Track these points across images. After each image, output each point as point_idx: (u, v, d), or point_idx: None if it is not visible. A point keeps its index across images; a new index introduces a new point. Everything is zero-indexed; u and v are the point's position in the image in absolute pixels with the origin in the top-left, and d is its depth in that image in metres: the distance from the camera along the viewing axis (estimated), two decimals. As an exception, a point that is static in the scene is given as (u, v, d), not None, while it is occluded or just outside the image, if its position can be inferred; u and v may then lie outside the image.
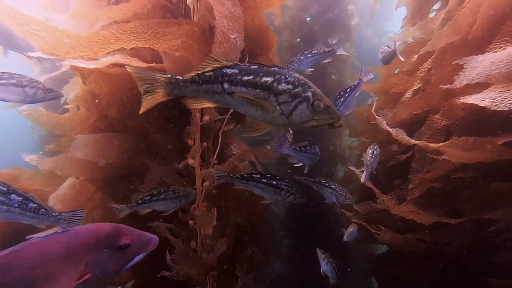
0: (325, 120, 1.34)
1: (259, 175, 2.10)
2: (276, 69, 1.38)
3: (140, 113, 1.52)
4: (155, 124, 2.20)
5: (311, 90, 1.34)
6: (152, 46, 1.84)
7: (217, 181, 2.05)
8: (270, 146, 2.45)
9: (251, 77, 1.37)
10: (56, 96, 1.99)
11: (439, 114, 2.43)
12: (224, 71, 1.41)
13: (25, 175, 3.57)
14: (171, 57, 1.94)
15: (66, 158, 2.36)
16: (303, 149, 2.55)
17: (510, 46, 2.03)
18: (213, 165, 2.22)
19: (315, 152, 2.63)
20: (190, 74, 1.46)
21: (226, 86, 1.40)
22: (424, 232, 2.47)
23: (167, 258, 2.15)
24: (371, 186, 2.69)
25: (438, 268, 2.62)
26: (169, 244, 2.18)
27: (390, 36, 3.15)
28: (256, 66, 1.39)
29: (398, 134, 2.31)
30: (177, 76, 1.47)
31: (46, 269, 1.11)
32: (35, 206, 1.90)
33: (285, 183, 2.14)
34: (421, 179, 2.47)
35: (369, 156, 2.68)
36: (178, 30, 1.92)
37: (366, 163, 2.65)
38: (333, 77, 5.73)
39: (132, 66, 1.55)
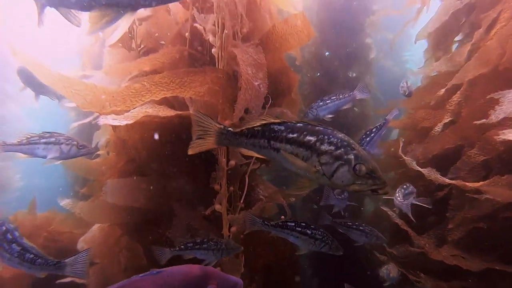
0: (367, 186, 1.30)
1: (293, 223, 2.05)
2: (320, 128, 1.39)
3: (189, 154, 1.60)
4: (182, 169, 2.23)
5: (354, 152, 1.31)
6: (179, 94, 1.92)
7: (250, 228, 2.02)
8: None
9: (295, 135, 1.39)
10: (88, 152, 2.12)
11: (475, 149, 2.30)
12: (272, 127, 1.45)
13: (58, 218, 3.70)
14: (197, 103, 2.01)
15: (95, 205, 2.42)
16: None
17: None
18: (240, 209, 2.18)
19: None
20: (240, 128, 1.54)
21: (272, 142, 1.44)
22: (472, 280, 2.23)
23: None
24: (406, 228, 2.52)
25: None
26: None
27: (414, 71, 3.11)
28: (301, 125, 1.41)
29: (431, 174, 2.19)
30: (228, 128, 1.54)
31: None
32: (31, 257, 1.94)
33: (319, 233, 2.05)
34: (462, 219, 2.29)
35: (401, 197, 2.54)
36: (204, 78, 2.00)
37: (400, 204, 2.50)
38: (355, 109, 5.69)
39: (194, 111, 1.65)
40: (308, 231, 2.02)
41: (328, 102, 3.11)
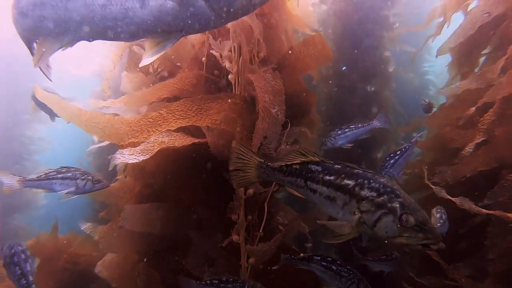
0: (417, 240, 1.16)
1: (319, 257, 1.96)
2: (359, 171, 1.30)
3: (236, 188, 1.60)
4: (199, 196, 2.18)
5: (399, 200, 1.19)
6: (196, 123, 1.88)
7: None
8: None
9: (332, 177, 1.32)
10: (102, 187, 2.16)
11: (515, 172, 2.13)
12: (309, 167, 1.42)
13: (77, 240, 3.74)
14: (214, 131, 1.97)
15: (112, 235, 2.40)
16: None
17: None
18: (259, 238, 2.09)
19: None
20: (279, 163, 1.51)
21: (309, 183, 1.39)
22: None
23: None
24: (438, 259, 2.33)
25: None
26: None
27: (440, 90, 2.96)
28: (339, 166, 1.35)
29: (463, 203, 2.03)
30: (268, 163, 1.52)
31: None
32: (24, 283, 2.09)
33: (346, 270, 1.94)
34: (505, 249, 2.08)
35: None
36: (221, 104, 1.97)
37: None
38: (375, 124, 5.53)
39: (235, 143, 1.64)
40: (334, 267, 1.91)
41: (346, 130, 2.99)
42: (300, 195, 1.46)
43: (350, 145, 2.88)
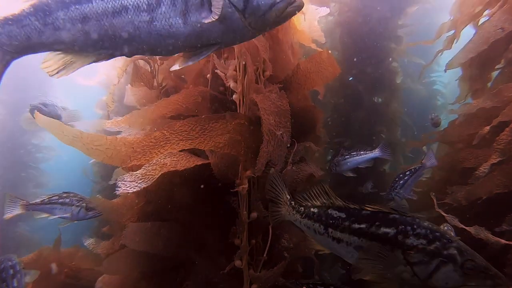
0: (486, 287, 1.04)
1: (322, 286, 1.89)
2: (396, 216, 1.16)
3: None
4: (202, 218, 2.12)
5: (454, 245, 1.07)
6: (199, 145, 1.83)
7: None
8: None
9: (363, 225, 1.18)
10: (95, 215, 2.13)
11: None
12: (330, 212, 1.28)
13: (79, 254, 3.68)
14: (217, 154, 1.91)
15: (114, 258, 2.35)
16: None
17: None
18: (263, 263, 2.02)
19: None
20: (300, 203, 1.44)
21: (331, 230, 1.26)
22: None
23: None
24: None
25: None
26: None
27: (454, 110, 2.87)
28: (368, 212, 1.20)
29: (479, 232, 1.93)
30: (292, 201, 1.47)
31: None
32: None
33: None
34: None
35: None
36: (225, 125, 1.91)
37: None
38: (382, 135, 5.43)
39: (271, 172, 1.62)
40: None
41: (347, 157, 2.91)
42: (317, 242, 1.34)
43: (353, 175, 2.77)
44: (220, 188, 2.02)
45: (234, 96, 1.98)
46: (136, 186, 1.80)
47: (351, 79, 5.60)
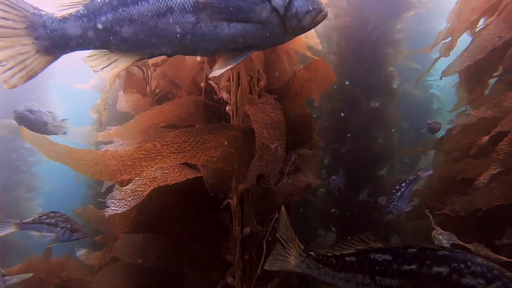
0: None
1: None
2: (446, 252, 1.07)
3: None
4: (194, 232, 2.06)
5: None
6: (191, 160, 1.77)
7: None
8: None
9: (414, 266, 1.07)
10: (79, 237, 2.10)
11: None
12: (372, 256, 1.14)
13: (71, 263, 3.60)
14: (210, 167, 1.86)
15: (104, 275, 2.28)
16: None
17: None
18: (257, 278, 1.96)
19: None
20: (326, 254, 1.24)
21: (379, 279, 1.13)
22: None
23: None
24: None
25: None
26: None
27: (453, 121, 2.84)
28: (415, 250, 1.10)
29: (480, 250, 1.89)
30: (310, 251, 1.28)
31: None
32: None
33: None
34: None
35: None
36: (219, 137, 1.85)
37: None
38: (379, 140, 5.40)
39: (282, 211, 1.47)
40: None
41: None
42: None
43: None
44: (213, 201, 1.96)
45: (227, 108, 1.93)
46: (126, 205, 1.74)
47: (347, 83, 5.57)
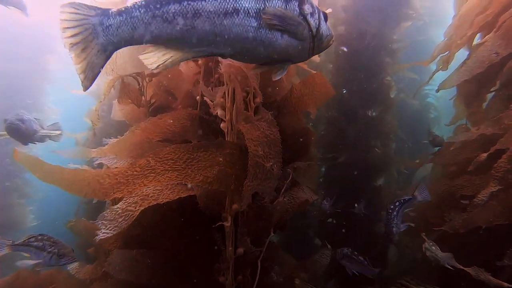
0: None
1: None
2: None
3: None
4: (186, 252, 2.01)
5: None
6: (185, 179, 1.72)
7: None
8: None
9: None
10: (67, 262, 2.04)
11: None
12: None
13: (61, 277, 3.51)
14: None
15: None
16: None
17: None
18: (251, 299, 1.91)
19: None
20: None
21: None
22: None
23: None
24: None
25: None
26: None
27: (453, 137, 2.82)
28: None
29: (479, 274, 1.85)
30: None
31: None
32: None
33: None
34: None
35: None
36: (214, 156, 1.80)
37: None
38: (377, 150, 5.38)
39: None
40: None
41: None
42: None
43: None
44: (206, 218, 1.91)
45: (222, 125, 1.89)
46: (116, 227, 1.69)
47: (344, 91, 5.56)
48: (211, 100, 1.87)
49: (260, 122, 1.79)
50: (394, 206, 2.38)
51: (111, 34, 1.18)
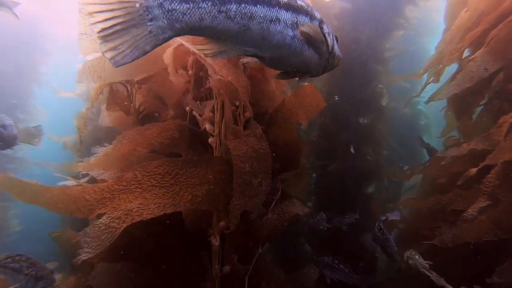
0: None
1: None
2: None
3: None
4: (172, 267, 1.96)
5: None
6: (173, 198, 1.67)
7: None
8: None
9: None
10: (44, 285, 1.95)
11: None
12: None
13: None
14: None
15: None
16: None
17: None
18: (238, 317, 1.87)
19: None
20: None
21: None
22: None
23: None
24: None
25: None
26: None
27: (444, 152, 2.84)
28: None
29: None
30: None
31: None
32: None
33: None
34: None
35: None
36: (205, 171, 1.76)
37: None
38: (368, 158, 5.40)
39: None
40: None
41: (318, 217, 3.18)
42: None
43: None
44: (192, 237, 1.87)
45: (210, 140, 1.85)
46: (99, 246, 1.63)
47: (336, 98, 5.57)
48: (200, 115, 1.83)
49: (249, 137, 1.76)
50: (382, 227, 2.39)
51: (175, 19, 1.16)
